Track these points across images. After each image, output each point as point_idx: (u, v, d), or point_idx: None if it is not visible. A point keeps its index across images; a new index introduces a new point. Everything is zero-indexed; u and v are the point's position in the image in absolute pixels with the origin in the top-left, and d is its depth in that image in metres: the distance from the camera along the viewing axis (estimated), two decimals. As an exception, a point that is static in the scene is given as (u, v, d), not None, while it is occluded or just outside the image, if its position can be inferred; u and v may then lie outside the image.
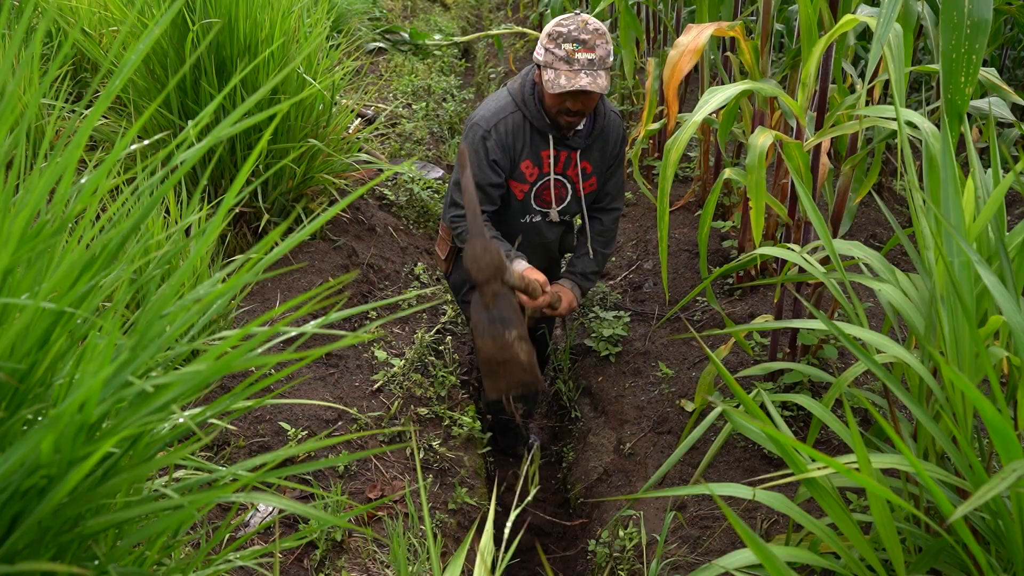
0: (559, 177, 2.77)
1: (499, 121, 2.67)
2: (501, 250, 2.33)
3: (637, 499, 2.64)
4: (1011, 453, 1.11)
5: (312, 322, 1.12)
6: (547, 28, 2.56)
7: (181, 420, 1.14)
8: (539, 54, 2.58)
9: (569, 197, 2.81)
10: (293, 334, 1.12)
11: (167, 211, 2.47)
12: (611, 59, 2.54)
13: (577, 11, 2.57)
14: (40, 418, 1.08)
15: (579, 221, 2.91)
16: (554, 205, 2.81)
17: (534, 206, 2.82)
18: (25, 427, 1.07)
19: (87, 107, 2.83)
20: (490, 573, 1.34)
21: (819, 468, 1.37)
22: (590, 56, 2.49)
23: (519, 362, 2.34)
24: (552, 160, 2.72)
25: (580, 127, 2.71)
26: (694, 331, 2.07)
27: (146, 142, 1.16)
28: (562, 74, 2.49)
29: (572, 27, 2.50)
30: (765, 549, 1.20)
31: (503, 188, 2.74)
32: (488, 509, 1.48)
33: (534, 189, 2.77)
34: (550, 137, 2.69)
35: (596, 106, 2.67)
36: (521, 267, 2.64)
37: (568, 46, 2.50)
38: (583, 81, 2.47)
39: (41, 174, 1.04)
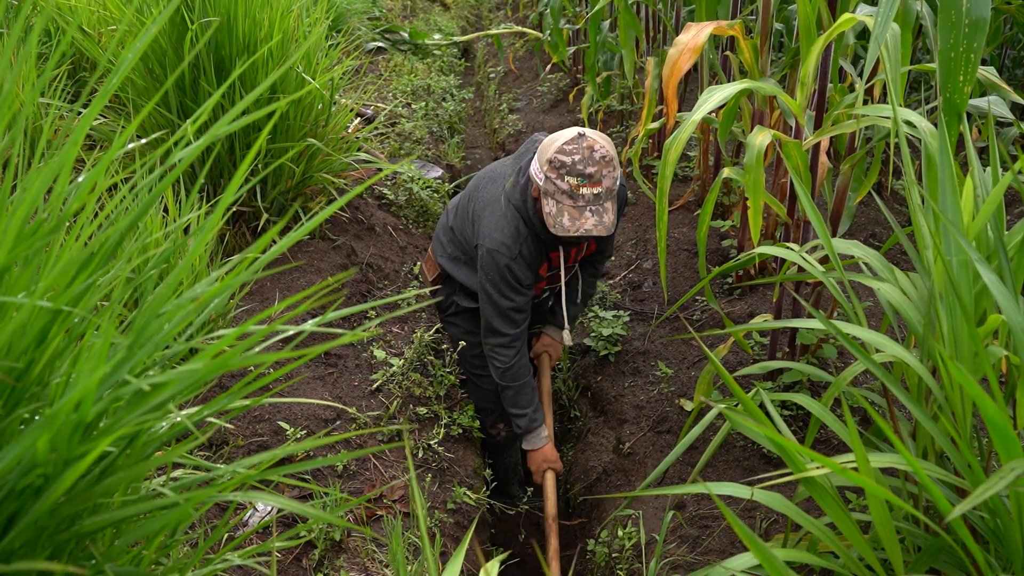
0: (569, 265, 2.80)
1: (521, 246, 2.58)
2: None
3: (636, 498, 2.64)
4: (1011, 452, 1.11)
5: (310, 321, 1.12)
6: (547, 149, 2.38)
7: (178, 419, 1.14)
8: (538, 176, 2.42)
9: (575, 268, 2.88)
10: (291, 332, 1.12)
11: (166, 210, 2.47)
12: (618, 184, 2.39)
13: (581, 132, 2.38)
14: (37, 417, 1.08)
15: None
16: (562, 280, 2.84)
17: (545, 288, 2.88)
18: (22, 426, 1.07)
19: (85, 106, 2.83)
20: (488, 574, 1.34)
21: (817, 467, 1.37)
22: (596, 191, 2.33)
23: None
24: (562, 259, 2.72)
25: None
26: (693, 331, 2.07)
27: (143, 140, 1.16)
28: (565, 211, 2.34)
29: (577, 157, 2.32)
30: (764, 549, 1.20)
31: (531, 297, 2.74)
32: (485, 508, 1.48)
33: (547, 279, 2.82)
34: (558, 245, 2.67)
35: None
36: (542, 442, 2.84)
37: (572, 179, 2.32)
38: (588, 223, 2.33)
39: (38, 172, 1.03)
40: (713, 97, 2.11)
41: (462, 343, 2.97)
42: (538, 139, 2.64)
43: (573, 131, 2.38)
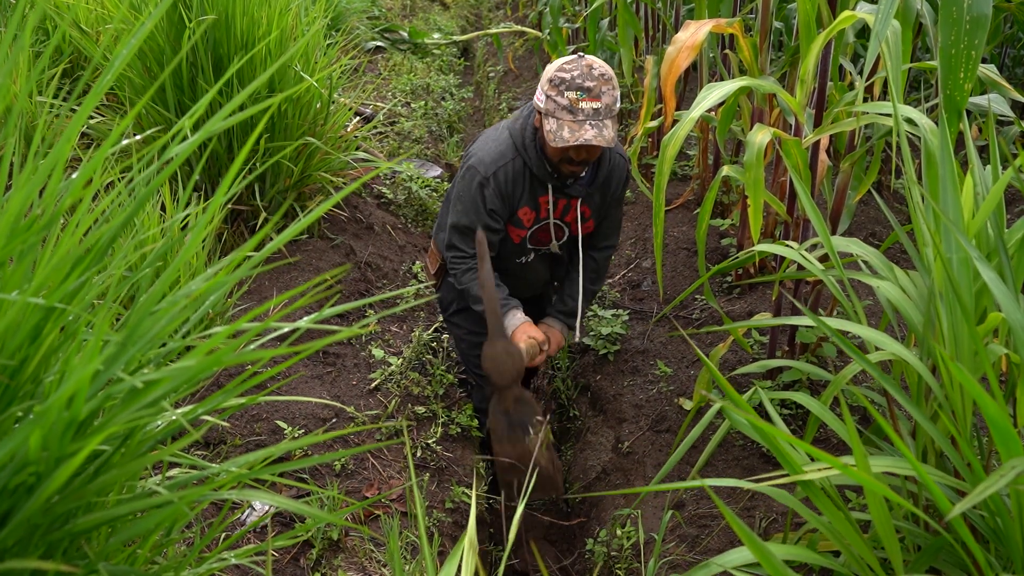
0: (557, 222, 2.70)
1: (499, 168, 2.54)
2: (523, 354, 2.38)
3: (635, 498, 2.63)
4: (1011, 450, 1.10)
5: (305, 318, 1.11)
6: (548, 71, 2.41)
7: (173, 417, 1.13)
8: (539, 100, 2.43)
9: (566, 238, 2.77)
10: (286, 330, 1.12)
11: (163, 208, 2.47)
12: (618, 105, 2.39)
13: (580, 53, 2.40)
14: (31, 415, 1.07)
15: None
16: (553, 242, 2.76)
17: (529, 247, 2.77)
18: (16, 425, 1.07)
19: (80, 102, 2.83)
20: (484, 572, 1.33)
21: (816, 469, 1.36)
22: (595, 105, 2.33)
23: (540, 470, 2.38)
24: (551, 207, 2.64)
25: (582, 174, 2.60)
26: (692, 329, 2.07)
27: (138, 137, 1.15)
28: (565, 125, 2.34)
29: (576, 72, 2.34)
30: (762, 547, 1.19)
31: (500, 234, 2.66)
32: (482, 507, 1.47)
33: (530, 232, 2.71)
34: (549, 185, 2.59)
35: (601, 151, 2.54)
36: (517, 321, 2.62)
37: (571, 94, 2.33)
38: (588, 134, 2.32)
39: (32, 168, 1.03)
40: (712, 94, 2.10)
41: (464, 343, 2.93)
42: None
43: (572, 54, 2.42)
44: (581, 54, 2.40)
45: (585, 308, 2.95)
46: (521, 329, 2.62)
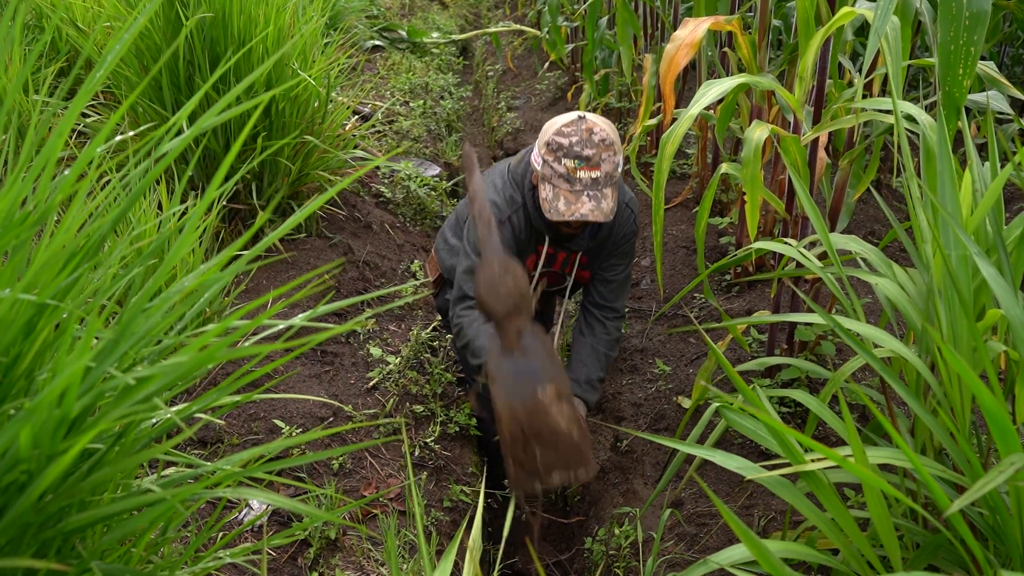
0: (555, 272, 2.65)
1: (512, 213, 2.47)
2: (525, 276, 1.79)
3: (633, 497, 2.63)
4: (1009, 445, 1.09)
5: (301, 315, 1.10)
6: (547, 133, 2.29)
7: (168, 415, 1.12)
8: (536, 161, 2.33)
9: (565, 284, 2.72)
10: (281, 327, 1.11)
11: (160, 206, 2.46)
12: (620, 170, 2.27)
13: (581, 114, 2.29)
14: (23, 412, 1.06)
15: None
16: (550, 288, 2.70)
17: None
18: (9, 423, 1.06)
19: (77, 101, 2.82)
20: (479, 570, 1.32)
21: (816, 460, 1.36)
22: (594, 174, 2.21)
23: (559, 433, 1.68)
24: (549, 259, 2.58)
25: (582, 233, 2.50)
26: (692, 326, 2.06)
27: (132, 133, 1.14)
28: (561, 195, 2.23)
29: (575, 139, 2.22)
30: (759, 544, 1.18)
31: None
32: (478, 505, 1.46)
33: (531, 278, 2.64)
34: (546, 237, 2.53)
35: None
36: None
37: (569, 162, 2.21)
38: (584, 208, 2.21)
39: (25, 163, 1.02)
40: (711, 91, 2.09)
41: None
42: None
43: (574, 114, 2.30)
44: (583, 115, 2.28)
45: (603, 377, 2.76)
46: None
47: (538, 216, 2.45)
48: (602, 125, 2.26)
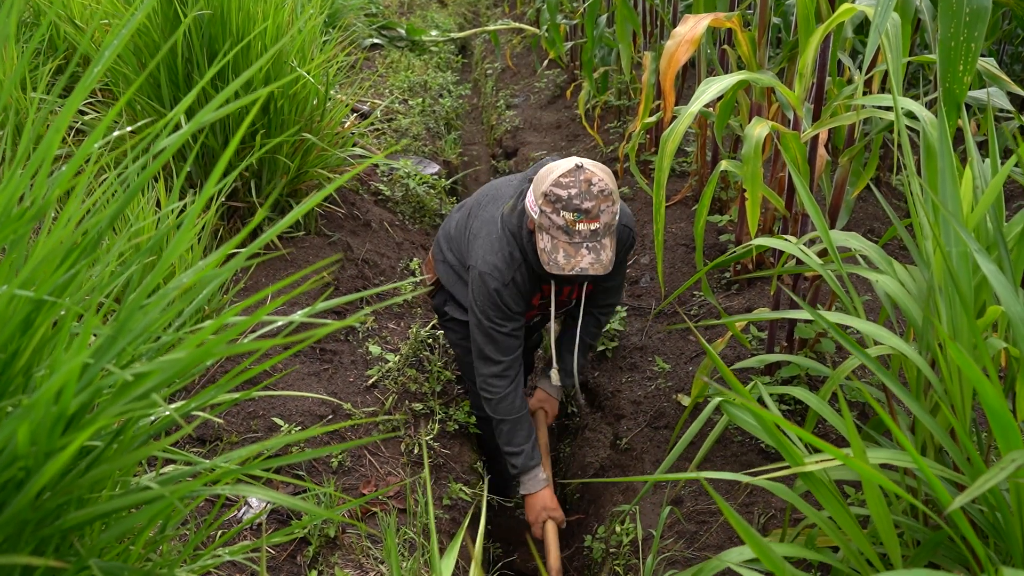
0: (563, 300, 2.68)
1: (515, 272, 2.45)
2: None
3: (635, 494, 2.62)
4: (1010, 441, 1.09)
5: (300, 311, 1.10)
6: (544, 182, 2.25)
7: (166, 412, 1.12)
8: (533, 209, 2.29)
9: (571, 304, 2.76)
10: (280, 323, 1.10)
11: (158, 203, 2.45)
12: (617, 218, 2.26)
13: (578, 164, 2.24)
14: (21, 409, 1.06)
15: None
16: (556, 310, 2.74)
17: (537, 318, 2.78)
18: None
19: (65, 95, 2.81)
20: (481, 568, 1.32)
21: (816, 461, 1.35)
22: (593, 227, 2.19)
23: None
24: (553, 292, 2.59)
25: None
26: (689, 324, 2.05)
27: (129, 129, 1.14)
28: (560, 247, 2.22)
29: (574, 191, 2.19)
30: (762, 543, 1.18)
31: (523, 324, 2.60)
32: (480, 504, 1.46)
33: (539, 309, 2.70)
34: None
35: None
36: (539, 485, 2.62)
37: (568, 215, 2.19)
38: (584, 262, 2.20)
39: (23, 158, 1.01)
40: (711, 88, 2.09)
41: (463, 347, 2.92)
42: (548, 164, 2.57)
43: (571, 162, 2.26)
44: (580, 164, 2.24)
45: (583, 362, 2.91)
46: (539, 498, 2.62)
47: (538, 264, 2.42)
48: (600, 175, 2.23)
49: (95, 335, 0.99)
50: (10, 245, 1.02)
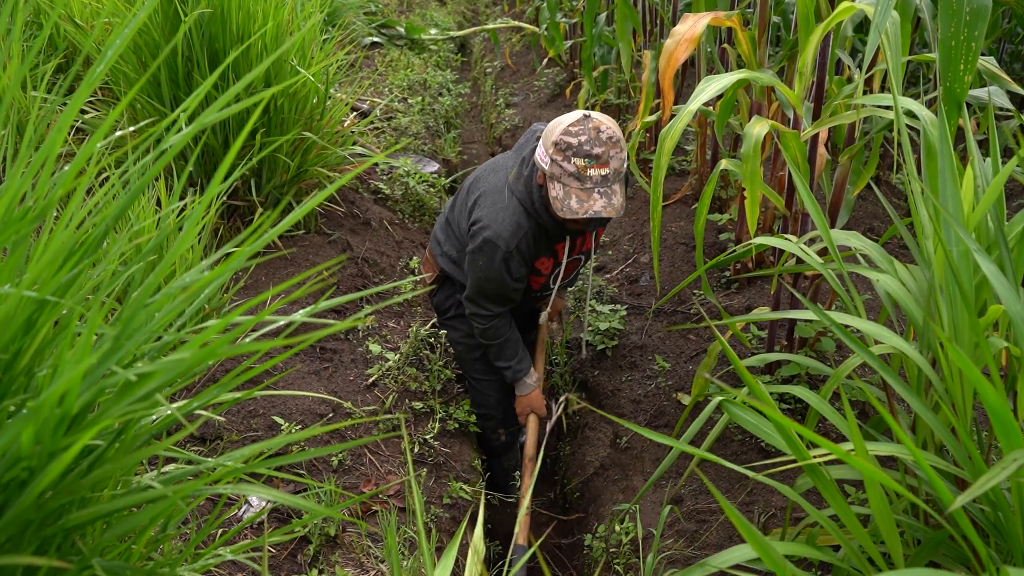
0: (574, 258, 2.72)
1: (520, 240, 2.49)
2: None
3: (634, 493, 2.62)
4: (1011, 440, 1.09)
5: (301, 311, 1.10)
6: (553, 132, 2.32)
7: (168, 412, 1.12)
8: (544, 161, 2.35)
9: (582, 262, 2.81)
10: (281, 323, 1.10)
11: (159, 203, 2.45)
12: (625, 165, 2.32)
13: (586, 113, 2.31)
14: (24, 410, 1.06)
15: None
16: (569, 275, 2.81)
17: (550, 285, 2.79)
18: (9, 419, 1.05)
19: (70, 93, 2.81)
20: (483, 566, 1.32)
21: (820, 455, 1.35)
22: (604, 172, 2.26)
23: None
24: (567, 249, 2.64)
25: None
26: (691, 323, 2.05)
27: (132, 129, 1.14)
28: (573, 193, 2.27)
29: (583, 138, 2.25)
30: (763, 542, 1.18)
31: (523, 286, 2.66)
32: (480, 502, 1.46)
33: (550, 277, 2.73)
34: (567, 236, 2.59)
35: None
36: (528, 388, 2.84)
37: (579, 161, 2.25)
38: (597, 205, 2.26)
39: (25, 159, 1.01)
40: (710, 87, 2.09)
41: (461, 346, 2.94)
42: (537, 129, 2.59)
43: (578, 113, 2.32)
44: (587, 114, 2.31)
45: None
46: (527, 399, 2.84)
47: (551, 220, 2.48)
48: (608, 123, 2.30)
49: (98, 334, 0.99)
50: (12, 246, 1.02)
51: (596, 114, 2.32)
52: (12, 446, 0.91)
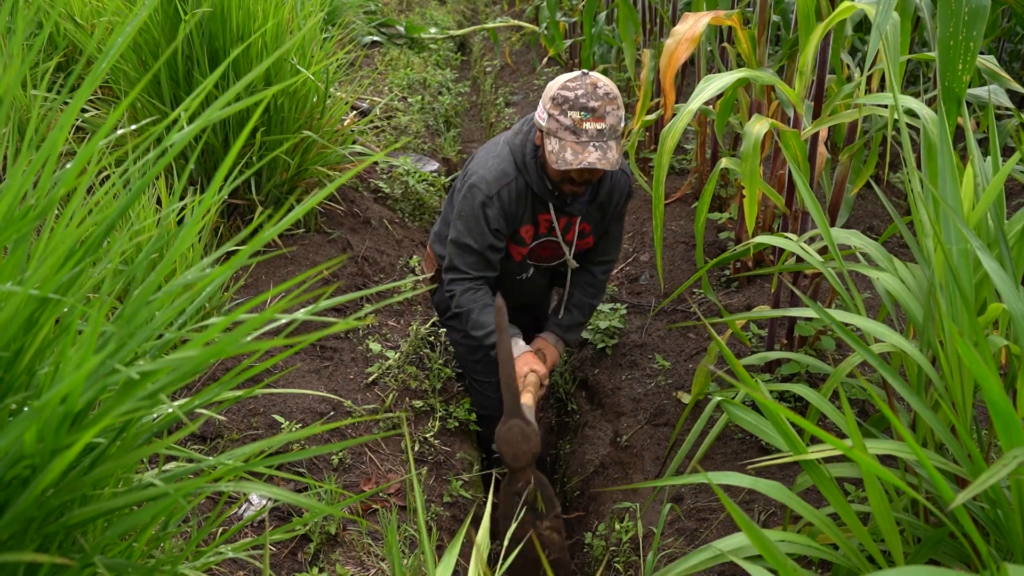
0: (557, 240, 2.68)
1: (502, 188, 2.49)
2: (538, 436, 2.27)
3: (633, 492, 2.63)
4: (1012, 437, 1.09)
5: (303, 309, 1.10)
6: (551, 88, 2.34)
7: (170, 410, 1.12)
8: (541, 118, 2.37)
9: (566, 254, 2.75)
10: (284, 321, 1.11)
11: (159, 201, 2.45)
12: (623, 124, 2.33)
13: (584, 71, 2.35)
14: (25, 408, 1.06)
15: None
16: (569, 259, 2.75)
17: (529, 263, 2.76)
18: (11, 417, 1.06)
19: (73, 95, 2.81)
20: (486, 566, 1.32)
21: (819, 451, 1.36)
22: (600, 126, 2.27)
23: (551, 554, 2.30)
24: (553, 224, 2.62)
25: (583, 194, 2.54)
26: (692, 322, 2.05)
27: (133, 127, 1.14)
28: (568, 147, 2.28)
29: (580, 92, 2.27)
30: (761, 536, 1.18)
31: (502, 252, 2.63)
32: (479, 501, 1.46)
33: (531, 249, 2.70)
34: (550, 204, 2.56)
35: None
36: (518, 350, 2.59)
37: (575, 114, 2.26)
38: (592, 157, 2.26)
39: (27, 158, 1.02)
40: (711, 85, 2.09)
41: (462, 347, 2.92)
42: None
43: (577, 71, 2.35)
44: (585, 71, 2.34)
45: (585, 323, 2.95)
46: (524, 359, 2.59)
47: (540, 181, 2.48)
48: (605, 80, 2.32)
49: (104, 331, 0.99)
50: (13, 245, 1.02)
51: (594, 73, 2.34)
52: (15, 444, 0.91)
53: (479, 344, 2.67)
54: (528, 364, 2.58)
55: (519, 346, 2.63)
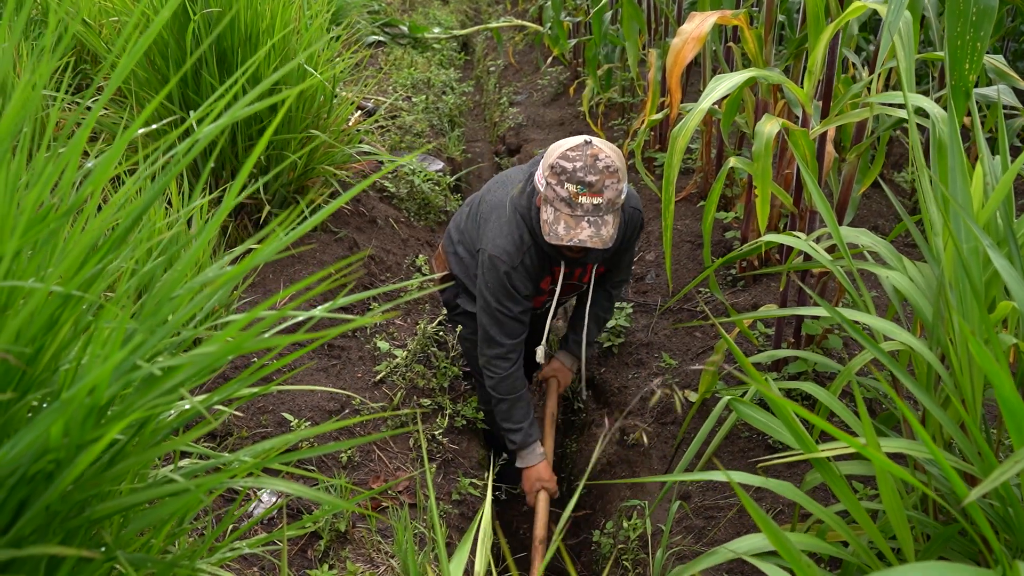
0: (574, 283, 2.72)
1: (523, 256, 2.48)
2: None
3: (641, 490, 2.64)
4: (1023, 433, 1.10)
5: (320, 306, 1.11)
6: (552, 155, 2.28)
7: (188, 406, 1.13)
8: (540, 182, 2.33)
9: (583, 288, 2.80)
10: (301, 318, 1.12)
11: (169, 203, 2.46)
12: (622, 197, 2.28)
13: (587, 139, 2.28)
14: (46, 404, 1.07)
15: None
16: (568, 295, 2.79)
17: (547, 306, 2.79)
18: (31, 413, 1.07)
19: (89, 97, 2.82)
20: (493, 563, 1.33)
21: (828, 448, 1.37)
22: (596, 200, 2.21)
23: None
24: (565, 276, 2.63)
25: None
26: (699, 321, 2.06)
27: (142, 131, 1.15)
28: (562, 219, 2.23)
29: (579, 164, 2.22)
30: (779, 533, 1.19)
31: (529, 305, 2.62)
32: (488, 499, 1.47)
33: (548, 293, 2.72)
34: (562, 261, 2.56)
35: None
36: (535, 459, 2.68)
37: (571, 187, 2.21)
38: (583, 234, 2.22)
39: (48, 160, 1.03)
40: (721, 85, 2.10)
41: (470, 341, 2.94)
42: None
43: (580, 138, 2.30)
44: (588, 140, 2.27)
45: (596, 335, 3.00)
46: (535, 471, 2.68)
47: (545, 241, 2.45)
48: (607, 151, 2.26)
49: (128, 328, 1.00)
50: (36, 245, 1.03)
51: (598, 141, 2.28)
52: (40, 439, 0.92)
53: (504, 434, 2.74)
54: (537, 475, 2.68)
55: (536, 453, 2.69)
